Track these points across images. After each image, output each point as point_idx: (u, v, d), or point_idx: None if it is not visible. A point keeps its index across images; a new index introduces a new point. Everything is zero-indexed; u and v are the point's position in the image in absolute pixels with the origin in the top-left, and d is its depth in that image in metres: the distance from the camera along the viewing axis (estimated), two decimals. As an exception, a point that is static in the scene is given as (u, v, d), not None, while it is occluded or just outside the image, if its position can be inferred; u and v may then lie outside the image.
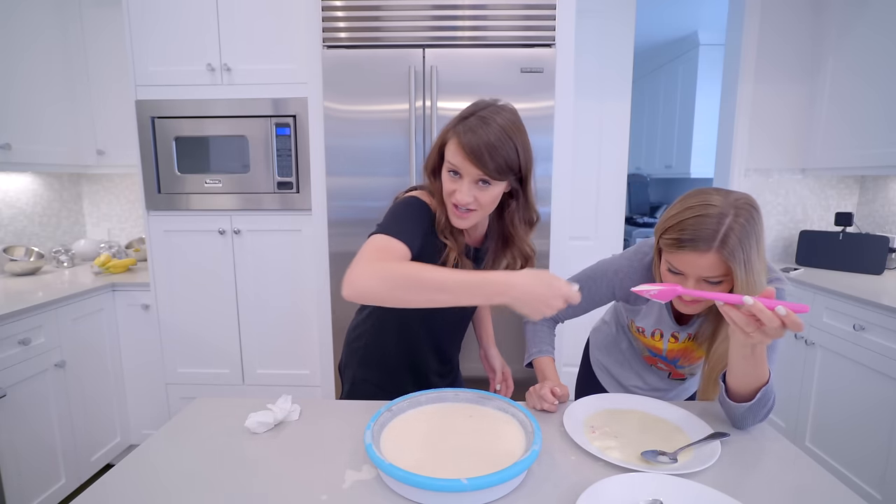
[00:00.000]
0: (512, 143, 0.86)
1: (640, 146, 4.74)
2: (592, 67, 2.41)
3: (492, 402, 0.87)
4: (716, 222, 0.79)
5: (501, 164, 0.85)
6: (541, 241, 1.76)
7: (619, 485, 0.67)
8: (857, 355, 1.73)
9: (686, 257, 0.82)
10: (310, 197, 1.87)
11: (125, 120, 2.06)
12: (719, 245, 0.78)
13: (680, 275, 0.85)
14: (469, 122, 0.86)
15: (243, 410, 0.91)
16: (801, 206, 2.55)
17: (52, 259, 2.30)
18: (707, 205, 0.81)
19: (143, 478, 0.73)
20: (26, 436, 1.63)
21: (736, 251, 0.78)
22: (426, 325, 1.06)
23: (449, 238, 0.93)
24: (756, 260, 0.80)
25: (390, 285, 0.75)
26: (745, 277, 0.79)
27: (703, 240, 0.79)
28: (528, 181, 0.93)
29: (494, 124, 0.85)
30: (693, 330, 1.00)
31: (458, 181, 0.87)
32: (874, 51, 2.06)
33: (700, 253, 0.80)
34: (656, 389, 1.16)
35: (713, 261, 0.79)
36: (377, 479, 0.72)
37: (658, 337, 1.04)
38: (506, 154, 0.85)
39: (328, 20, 1.68)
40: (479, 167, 0.84)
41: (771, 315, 0.68)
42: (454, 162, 0.87)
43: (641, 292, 0.80)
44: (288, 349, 2.05)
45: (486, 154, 0.83)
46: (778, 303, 0.68)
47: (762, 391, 0.80)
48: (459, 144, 0.85)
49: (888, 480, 1.60)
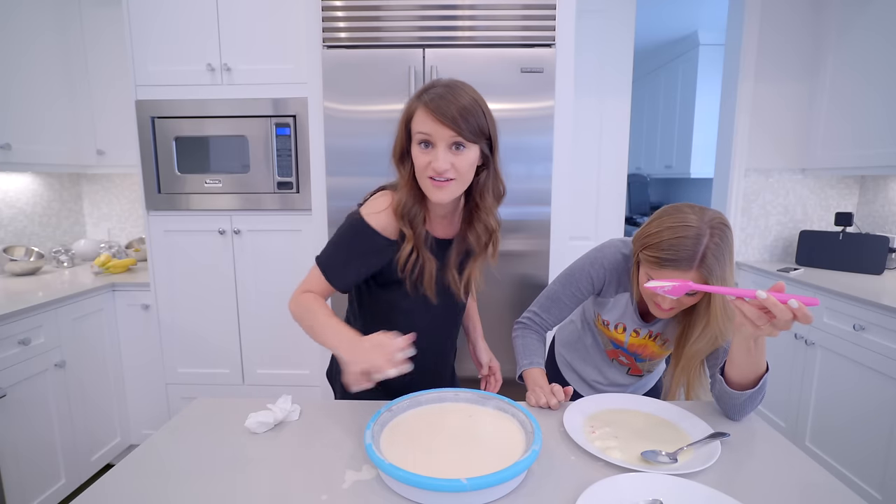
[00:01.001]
0: (480, 108, 0.87)
1: (640, 146, 4.74)
2: (592, 67, 2.41)
3: (492, 402, 0.87)
4: (693, 243, 0.85)
5: (474, 125, 0.85)
6: (541, 241, 1.76)
7: (619, 485, 0.67)
8: (858, 355, 1.73)
9: (668, 274, 0.87)
10: (310, 197, 1.87)
11: (125, 120, 2.06)
12: (698, 265, 0.85)
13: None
14: (435, 90, 0.86)
15: (243, 410, 0.91)
16: (801, 206, 2.55)
17: (52, 259, 2.30)
18: (685, 225, 0.86)
19: (143, 478, 0.73)
20: (26, 436, 1.63)
21: (713, 268, 0.85)
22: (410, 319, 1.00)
23: (406, 227, 0.90)
24: (729, 274, 0.87)
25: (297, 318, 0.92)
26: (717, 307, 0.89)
27: (683, 260, 0.85)
28: (496, 150, 0.93)
29: (461, 91, 0.86)
30: (656, 329, 1.06)
31: (432, 151, 0.86)
32: (874, 50, 2.06)
33: (682, 271, 0.86)
34: (615, 384, 1.21)
35: (692, 277, 0.86)
36: (377, 479, 0.72)
37: (621, 330, 1.09)
38: (477, 117, 0.86)
39: (328, 20, 1.68)
40: (453, 127, 0.83)
41: (783, 308, 0.70)
42: (425, 130, 0.85)
43: (655, 288, 0.83)
44: (288, 349, 2.05)
45: (459, 116, 0.83)
46: (790, 296, 0.70)
47: (763, 379, 0.85)
48: (429, 110, 0.84)
49: (888, 480, 1.60)
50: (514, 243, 1.77)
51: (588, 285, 1.07)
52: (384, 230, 0.91)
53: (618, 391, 1.20)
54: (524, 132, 1.70)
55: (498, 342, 1.82)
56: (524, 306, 1.80)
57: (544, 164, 1.72)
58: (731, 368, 0.86)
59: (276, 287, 2.01)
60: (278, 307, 2.02)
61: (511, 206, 1.75)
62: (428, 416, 0.85)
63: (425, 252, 0.92)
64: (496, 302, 1.80)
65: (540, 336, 1.15)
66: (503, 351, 1.81)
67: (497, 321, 1.80)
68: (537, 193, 1.74)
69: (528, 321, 1.15)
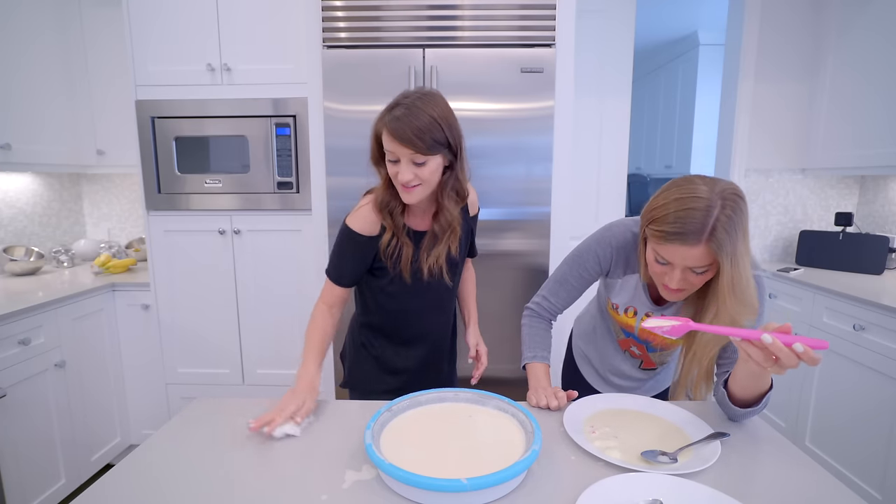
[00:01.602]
0: (437, 124, 0.96)
1: (640, 146, 4.74)
2: (592, 67, 2.41)
3: (492, 402, 0.87)
4: (703, 215, 0.78)
5: (430, 141, 0.95)
6: (541, 241, 1.76)
7: (619, 485, 0.67)
8: (857, 355, 1.73)
9: (674, 249, 0.82)
10: (310, 197, 1.87)
11: (125, 120, 2.06)
12: (707, 238, 0.78)
13: (667, 264, 0.86)
14: (395, 112, 0.96)
15: (243, 410, 0.91)
16: (801, 206, 2.55)
17: (52, 259, 2.30)
18: (694, 196, 0.80)
19: (143, 478, 0.73)
20: (26, 436, 1.63)
21: (724, 243, 0.78)
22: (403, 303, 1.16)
23: (387, 219, 1.05)
24: (742, 251, 0.80)
25: None
26: (730, 269, 0.80)
27: (691, 233, 0.79)
28: (461, 155, 1.04)
29: (419, 111, 0.95)
30: (669, 314, 1.01)
31: (398, 164, 0.98)
32: (874, 50, 2.06)
33: (689, 246, 0.80)
34: (628, 378, 1.18)
35: (701, 253, 0.80)
36: (377, 479, 0.72)
37: (631, 314, 1.06)
38: (434, 133, 0.96)
39: (328, 20, 1.68)
40: (411, 148, 0.95)
41: (788, 353, 0.67)
42: (389, 149, 0.98)
43: (654, 329, 0.80)
44: (288, 349, 2.05)
45: (415, 136, 0.94)
46: (795, 339, 0.67)
47: (766, 397, 0.83)
48: (389, 133, 0.96)
49: (888, 480, 1.60)
50: (514, 243, 1.77)
51: (595, 265, 1.04)
52: (362, 230, 1.06)
53: (632, 386, 1.18)
54: (524, 132, 1.70)
55: (499, 342, 1.82)
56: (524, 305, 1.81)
57: (544, 164, 1.72)
58: (734, 385, 0.85)
59: (276, 287, 2.01)
60: (278, 307, 2.02)
61: (511, 206, 1.75)
62: (428, 416, 0.85)
63: (404, 238, 1.07)
64: (496, 301, 1.80)
65: (548, 325, 1.14)
66: (504, 350, 1.82)
67: (497, 321, 1.81)
68: (537, 193, 1.74)
69: (536, 307, 1.15)
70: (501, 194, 1.74)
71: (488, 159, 1.71)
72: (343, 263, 1.10)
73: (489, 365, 1.31)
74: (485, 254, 1.76)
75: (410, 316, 1.18)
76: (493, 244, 1.77)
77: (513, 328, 1.81)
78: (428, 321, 1.21)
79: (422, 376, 1.21)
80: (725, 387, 0.87)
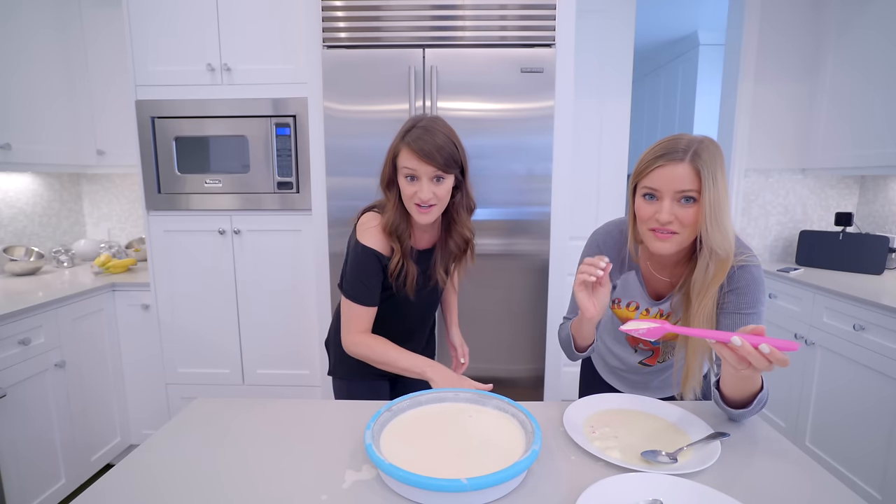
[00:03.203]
0: (452, 142, 1.03)
1: (640, 146, 4.73)
2: (592, 67, 2.41)
3: (492, 402, 0.87)
4: (687, 142, 0.88)
5: (449, 159, 1.01)
6: (541, 241, 1.76)
7: (619, 485, 0.67)
8: (857, 355, 1.73)
9: (661, 172, 0.88)
10: (310, 197, 1.87)
11: (125, 120, 2.06)
12: (692, 157, 0.86)
13: (655, 201, 0.90)
14: (414, 132, 1.01)
15: (243, 410, 0.91)
16: (801, 206, 2.55)
17: (52, 259, 2.30)
18: (677, 137, 0.91)
19: (143, 478, 0.73)
20: (26, 436, 1.63)
21: (707, 162, 0.85)
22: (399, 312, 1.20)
23: (395, 242, 1.08)
24: (721, 181, 0.87)
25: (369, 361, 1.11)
26: (713, 194, 0.85)
27: (676, 151, 0.87)
28: (467, 174, 1.10)
29: (436, 130, 1.02)
30: (667, 308, 1.03)
31: (416, 183, 1.02)
32: (874, 50, 2.06)
33: (675, 163, 0.87)
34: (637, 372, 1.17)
35: (687, 171, 0.86)
36: (377, 479, 0.72)
37: (633, 308, 1.08)
38: (450, 151, 1.02)
39: (328, 20, 1.68)
40: (433, 164, 1.00)
41: (757, 355, 0.70)
42: (410, 167, 1.01)
43: (630, 331, 0.83)
44: (288, 349, 2.05)
45: (437, 153, 0.99)
46: (763, 340, 0.70)
47: (758, 398, 0.83)
48: (412, 151, 1.00)
49: (888, 480, 1.60)
50: (514, 243, 1.77)
51: None
52: (382, 249, 1.09)
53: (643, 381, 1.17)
54: (524, 132, 1.70)
55: (498, 342, 1.82)
56: (524, 306, 1.82)
57: (544, 164, 1.72)
58: (724, 386, 0.86)
59: (276, 287, 2.01)
60: (278, 307, 2.02)
61: (511, 206, 1.75)
62: (428, 416, 0.85)
63: (409, 262, 1.10)
64: (496, 302, 1.80)
65: None
66: (503, 350, 1.82)
67: (497, 321, 1.81)
68: (537, 193, 1.74)
69: (564, 320, 1.18)
70: (501, 194, 1.74)
71: (488, 159, 1.72)
72: (371, 283, 1.11)
73: (489, 365, 1.33)
74: (484, 254, 1.77)
75: (402, 320, 1.22)
76: (493, 244, 1.77)
77: (512, 329, 1.81)
78: (417, 322, 1.27)
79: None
80: (718, 388, 0.88)
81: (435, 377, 1.01)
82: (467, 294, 1.77)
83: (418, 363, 1.05)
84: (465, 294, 1.76)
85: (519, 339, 1.82)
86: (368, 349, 1.09)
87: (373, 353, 1.09)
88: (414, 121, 1.05)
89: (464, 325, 1.76)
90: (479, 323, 1.80)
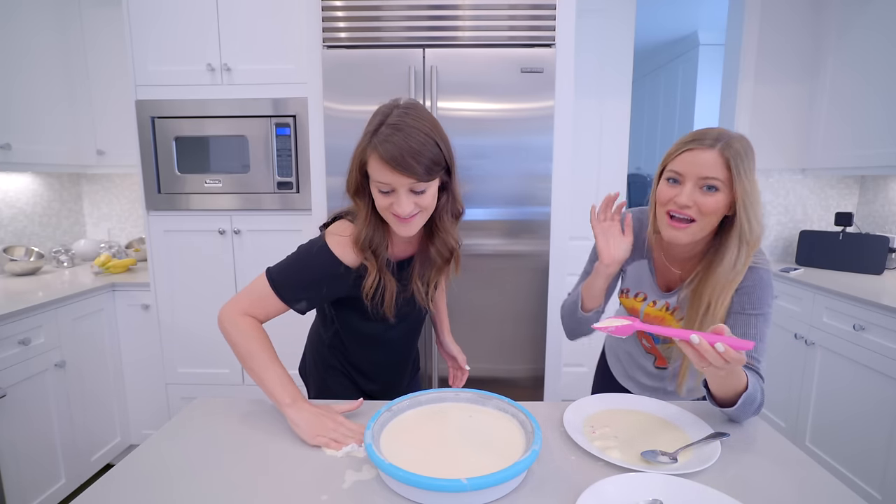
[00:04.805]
0: (433, 140, 0.83)
1: (640, 146, 4.74)
2: (592, 67, 2.41)
3: (492, 402, 0.87)
4: (719, 133, 0.88)
5: (429, 164, 0.82)
6: (541, 241, 1.76)
7: (619, 485, 0.67)
8: (857, 355, 1.73)
9: (688, 157, 0.88)
10: (310, 197, 1.87)
11: (125, 120, 2.06)
12: (723, 147, 0.85)
13: (678, 185, 0.90)
14: (382, 133, 0.81)
15: (243, 410, 0.91)
16: (801, 206, 2.55)
17: (52, 259, 2.30)
18: (711, 128, 0.90)
19: (143, 478, 0.73)
20: (26, 436, 1.63)
21: (738, 155, 0.85)
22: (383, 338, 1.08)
23: (369, 258, 0.90)
24: (753, 178, 0.86)
25: (230, 340, 0.91)
26: (747, 184, 0.85)
27: (707, 138, 0.87)
28: (454, 173, 0.91)
29: (408, 127, 0.81)
30: (673, 302, 1.03)
31: (392, 195, 0.84)
32: (874, 51, 2.06)
33: (704, 149, 0.86)
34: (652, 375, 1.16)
35: (715, 158, 0.85)
36: (377, 479, 0.72)
37: (641, 298, 1.07)
38: (431, 154, 0.82)
39: (328, 20, 1.68)
40: (410, 175, 0.81)
41: (714, 353, 0.71)
42: (383, 179, 0.82)
43: (600, 328, 0.83)
44: (287, 349, 2.02)
45: (412, 160, 0.80)
46: (718, 338, 0.71)
47: (742, 397, 0.83)
48: (381, 160, 0.80)
49: (888, 480, 1.60)
50: (514, 243, 1.77)
51: None
52: (344, 257, 0.91)
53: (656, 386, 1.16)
54: (524, 132, 1.70)
55: (498, 343, 1.82)
56: (524, 306, 1.82)
57: (544, 164, 1.72)
58: (709, 383, 0.86)
59: (276, 287, 2.01)
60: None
61: (511, 206, 1.75)
62: (428, 416, 0.85)
63: (388, 276, 0.93)
64: (496, 302, 1.80)
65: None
66: (503, 351, 1.82)
67: (497, 322, 1.81)
68: (537, 193, 1.74)
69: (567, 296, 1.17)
70: (501, 194, 1.74)
71: (488, 159, 1.71)
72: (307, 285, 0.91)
73: (489, 365, 1.32)
74: (484, 254, 1.77)
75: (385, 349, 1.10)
76: (493, 244, 1.77)
77: (512, 329, 1.81)
78: (403, 346, 1.14)
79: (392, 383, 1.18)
80: (706, 385, 0.88)
81: (296, 418, 0.82)
82: (467, 294, 1.77)
83: (281, 393, 0.84)
84: (466, 294, 1.76)
85: (519, 339, 1.82)
86: (241, 336, 0.88)
87: (240, 345, 0.88)
88: (383, 115, 0.84)
89: (464, 324, 1.77)
90: (479, 323, 1.80)
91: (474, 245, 1.76)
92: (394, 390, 1.16)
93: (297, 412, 0.83)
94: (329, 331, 1.11)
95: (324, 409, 0.85)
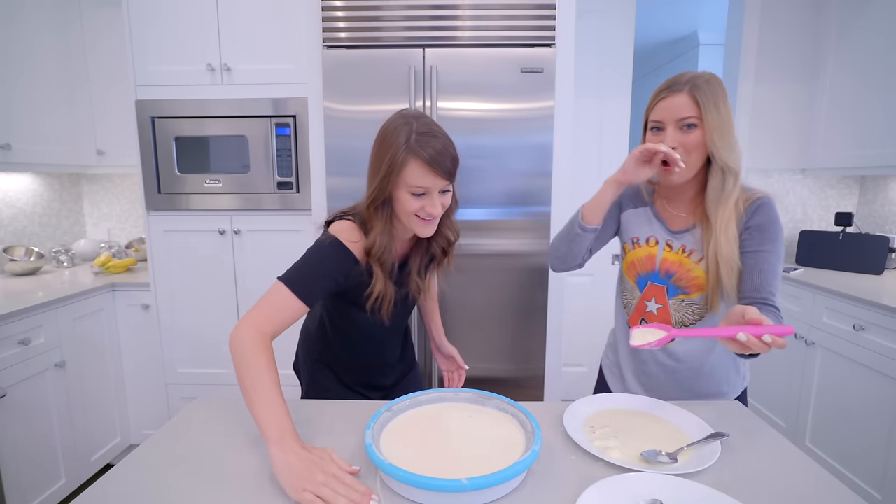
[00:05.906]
0: (450, 140, 0.91)
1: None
2: (592, 68, 2.41)
3: (492, 402, 0.87)
4: (689, 77, 0.96)
5: (457, 164, 0.92)
6: (541, 241, 1.76)
7: (619, 485, 0.67)
8: (857, 355, 1.73)
9: (663, 104, 0.97)
10: (310, 197, 1.87)
11: (125, 120, 2.06)
12: (691, 87, 0.94)
13: (661, 132, 0.98)
14: (418, 140, 0.86)
15: (243, 410, 0.91)
16: (801, 206, 2.55)
17: (52, 259, 2.30)
18: (680, 73, 0.99)
19: (143, 478, 0.73)
20: (26, 436, 1.63)
21: (706, 92, 0.94)
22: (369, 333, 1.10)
23: (377, 266, 0.93)
24: (724, 109, 0.95)
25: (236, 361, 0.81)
26: (716, 117, 0.93)
27: (676, 84, 0.96)
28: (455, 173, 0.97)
29: (440, 132, 0.89)
30: (689, 245, 1.03)
31: (424, 198, 0.90)
32: (874, 51, 2.06)
33: (674, 94, 0.95)
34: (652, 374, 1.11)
35: (686, 100, 0.94)
36: (377, 479, 0.72)
37: (653, 244, 1.07)
38: (456, 154, 0.91)
39: (328, 20, 1.68)
40: (447, 176, 0.89)
41: (760, 344, 0.75)
42: (422, 183, 0.87)
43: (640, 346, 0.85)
44: (287, 349, 2.03)
45: (450, 162, 0.88)
46: (765, 330, 0.74)
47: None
48: (425, 163, 0.86)
49: (888, 480, 1.60)
50: (514, 243, 1.77)
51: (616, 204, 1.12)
52: (354, 249, 0.94)
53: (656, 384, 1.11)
54: (524, 132, 1.70)
55: (497, 342, 1.82)
56: (525, 306, 1.82)
57: (544, 164, 1.72)
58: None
59: (276, 287, 2.01)
60: (278, 307, 2.02)
61: (511, 206, 1.75)
62: (428, 416, 0.85)
63: (390, 285, 0.97)
64: (496, 302, 1.80)
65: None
66: (503, 351, 1.82)
67: (496, 321, 1.81)
68: (537, 193, 1.74)
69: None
70: (501, 194, 1.74)
71: (488, 159, 1.71)
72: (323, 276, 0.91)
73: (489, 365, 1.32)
74: (484, 254, 1.77)
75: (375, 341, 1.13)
76: (493, 244, 1.77)
77: (512, 329, 1.81)
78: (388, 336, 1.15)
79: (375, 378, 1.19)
80: None
81: (278, 460, 0.69)
82: (467, 294, 1.77)
83: (269, 428, 0.72)
84: (466, 294, 1.76)
85: (519, 339, 1.82)
86: (245, 360, 0.80)
87: (244, 369, 0.79)
88: (406, 125, 0.88)
89: (463, 324, 1.77)
90: (479, 323, 1.80)
91: (474, 245, 1.76)
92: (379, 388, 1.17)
93: (282, 451, 0.69)
94: (315, 322, 1.16)
95: (318, 455, 0.70)
